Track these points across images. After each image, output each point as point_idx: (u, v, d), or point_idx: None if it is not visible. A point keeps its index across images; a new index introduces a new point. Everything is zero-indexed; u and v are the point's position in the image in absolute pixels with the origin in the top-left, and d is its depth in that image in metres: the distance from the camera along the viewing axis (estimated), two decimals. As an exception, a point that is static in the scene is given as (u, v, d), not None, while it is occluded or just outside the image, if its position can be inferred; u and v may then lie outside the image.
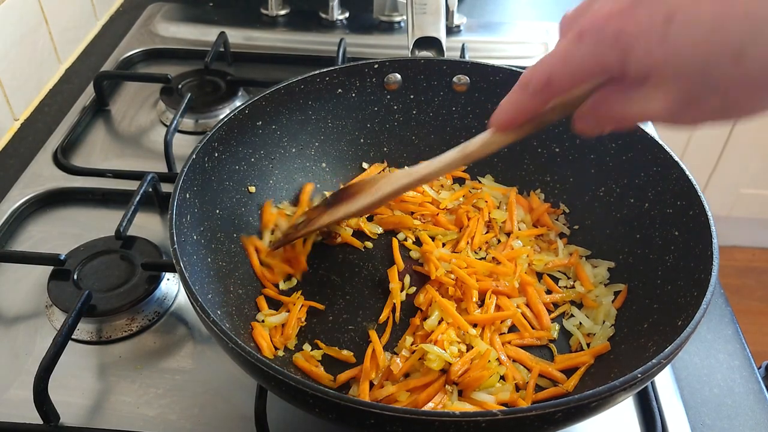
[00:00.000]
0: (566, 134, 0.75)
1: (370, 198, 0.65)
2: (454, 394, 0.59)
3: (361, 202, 0.66)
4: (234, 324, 0.60)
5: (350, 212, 0.66)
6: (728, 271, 2.33)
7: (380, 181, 0.65)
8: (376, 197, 0.64)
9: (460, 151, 0.56)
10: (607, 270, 0.70)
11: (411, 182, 0.62)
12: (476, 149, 0.54)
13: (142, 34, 1.14)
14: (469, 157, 0.55)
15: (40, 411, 0.56)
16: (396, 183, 0.63)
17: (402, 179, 0.62)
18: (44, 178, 0.82)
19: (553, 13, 1.27)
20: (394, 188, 0.63)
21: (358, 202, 0.66)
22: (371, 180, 0.66)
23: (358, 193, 0.67)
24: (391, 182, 0.63)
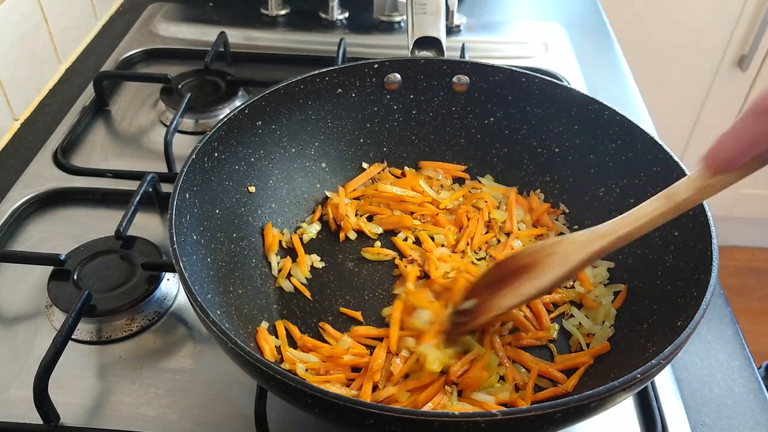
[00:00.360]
0: (566, 134, 0.75)
1: (561, 269, 0.55)
2: (453, 394, 0.59)
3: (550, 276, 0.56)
4: (234, 324, 0.60)
5: (542, 288, 0.56)
6: (728, 271, 2.33)
7: (561, 248, 0.55)
8: (567, 268, 0.55)
9: (667, 200, 0.48)
10: (606, 270, 0.70)
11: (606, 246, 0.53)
12: (688, 196, 0.47)
13: (142, 34, 1.14)
14: (680, 208, 0.48)
15: (40, 411, 0.56)
16: (587, 249, 0.54)
17: (594, 244, 0.53)
18: (44, 178, 0.82)
19: (553, 13, 1.27)
20: (585, 256, 0.54)
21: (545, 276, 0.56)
22: (544, 249, 0.57)
23: (535, 265, 0.57)
24: (579, 249, 0.54)
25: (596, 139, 0.73)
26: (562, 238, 0.57)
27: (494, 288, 0.59)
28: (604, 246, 0.53)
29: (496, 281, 0.59)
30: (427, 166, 0.81)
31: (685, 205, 0.48)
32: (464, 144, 0.81)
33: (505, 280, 0.58)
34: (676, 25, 1.92)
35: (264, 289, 0.68)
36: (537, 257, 0.57)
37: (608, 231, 0.53)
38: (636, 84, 1.09)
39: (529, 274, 0.57)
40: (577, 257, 0.54)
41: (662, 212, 0.49)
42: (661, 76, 1.98)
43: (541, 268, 0.56)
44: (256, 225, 0.72)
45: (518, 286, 0.57)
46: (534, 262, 0.57)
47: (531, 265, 0.57)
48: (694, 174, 0.47)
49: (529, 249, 0.58)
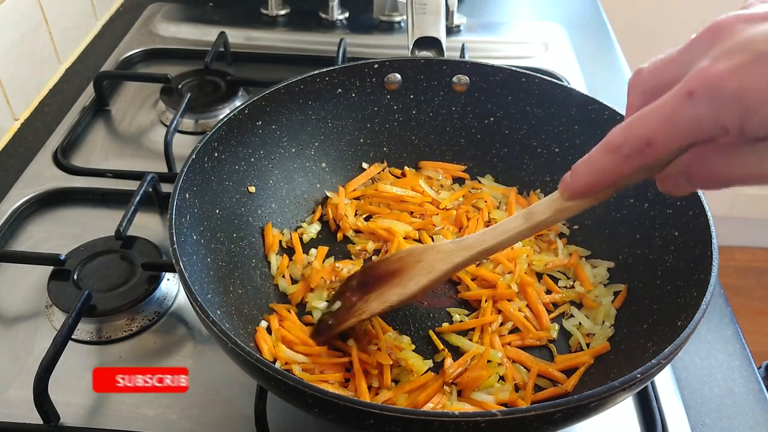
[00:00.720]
0: (566, 134, 0.75)
1: (425, 279, 0.56)
2: (453, 394, 0.59)
3: (414, 284, 0.57)
4: (234, 324, 0.60)
5: (405, 297, 0.58)
6: (728, 271, 2.33)
7: (427, 256, 0.57)
8: (430, 278, 0.56)
9: (525, 220, 0.50)
10: (606, 270, 0.70)
11: (470, 257, 0.55)
12: (545, 218, 0.49)
13: (142, 34, 1.14)
14: (537, 228, 0.50)
15: (40, 411, 0.56)
16: (450, 260, 0.55)
17: (458, 255, 0.55)
18: (44, 178, 0.82)
19: (553, 13, 1.27)
20: (449, 266, 0.56)
21: (408, 284, 0.57)
22: (413, 254, 0.59)
23: (402, 271, 0.58)
24: (444, 259, 0.56)
25: (596, 139, 0.71)
26: (431, 246, 0.59)
27: (361, 291, 0.61)
28: (467, 258, 0.55)
29: (362, 284, 0.61)
30: (427, 166, 0.81)
31: (543, 225, 0.50)
32: (464, 144, 0.81)
33: (373, 284, 0.60)
34: (677, 25, 1.92)
35: (264, 289, 0.68)
36: (404, 263, 0.58)
37: (472, 244, 0.55)
38: (636, 84, 1.08)
39: (394, 281, 0.58)
40: (442, 267, 0.56)
41: (521, 231, 0.51)
42: (661, 76, 1.98)
43: (407, 275, 0.58)
44: (256, 225, 0.72)
45: (383, 292, 0.59)
46: (401, 268, 0.58)
47: (398, 271, 0.58)
48: (552, 196, 0.48)
49: (398, 254, 0.60)
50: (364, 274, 0.62)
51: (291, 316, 0.65)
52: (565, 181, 0.45)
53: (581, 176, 0.44)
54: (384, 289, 0.59)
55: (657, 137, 0.38)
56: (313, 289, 0.68)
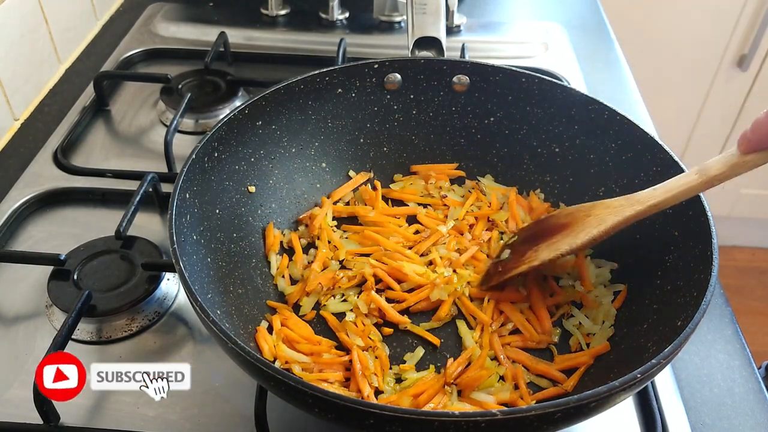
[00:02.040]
0: (566, 134, 0.75)
1: (596, 230, 0.58)
2: (453, 394, 0.59)
3: (585, 234, 0.59)
4: (234, 324, 0.60)
5: (577, 245, 0.60)
6: (728, 271, 2.33)
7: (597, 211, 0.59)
8: (602, 229, 0.58)
9: (699, 175, 0.50)
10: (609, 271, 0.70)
11: (640, 212, 0.56)
12: (721, 172, 0.49)
13: (142, 34, 1.14)
14: (711, 183, 0.50)
15: (40, 411, 0.56)
16: (622, 213, 0.57)
17: (628, 208, 0.56)
18: (44, 178, 0.82)
19: (553, 13, 1.27)
20: (620, 219, 0.57)
21: (580, 234, 0.59)
22: (581, 210, 0.61)
23: (572, 224, 0.60)
24: (614, 213, 0.57)
25: (596, 139, 0.73)
26: (598, 202, 0.60)
27: (531, 243, 0.63)
28: (637, 212, 0.56)
29: (533, 237, 0.63)
30: (420, 169, 0.81)
31: (717, 181, 0.50)
32: (464, 144, 0.81)
33: (542, 236, 0.62)
34: (676, 25, 1.92)
35: (264, 288, 0.68)
36: (573, 218, 0.60)
37: (642, 199, 0.55)
38: (636, 84, 1.09)
39: (564, 232, 0.60)
40: (612, 219, 0.57)
41: (693, 185, 0.51)
42: (661, 76, 1.98)
43: (577, 228, 0.60)
44: (256, 225, 0.72)
45: (554, 242, 0.61)
46: (570, 222, 0.60)
47: (567, 224, 0.60)
48: (727, 152, 0.48)
49: (566, 210, 0.62)
50: (534, 227, 0.64)
51: (293, 315, 0.65)
52: (745, 134, 0.45)
53: (762, 126, 0.44)
54: (555, 239, 0.61)
55: None
56: (309, 293, 0.67)
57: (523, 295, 0.66)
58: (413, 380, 0.60)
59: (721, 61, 1.97)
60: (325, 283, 0.67)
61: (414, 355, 0.63)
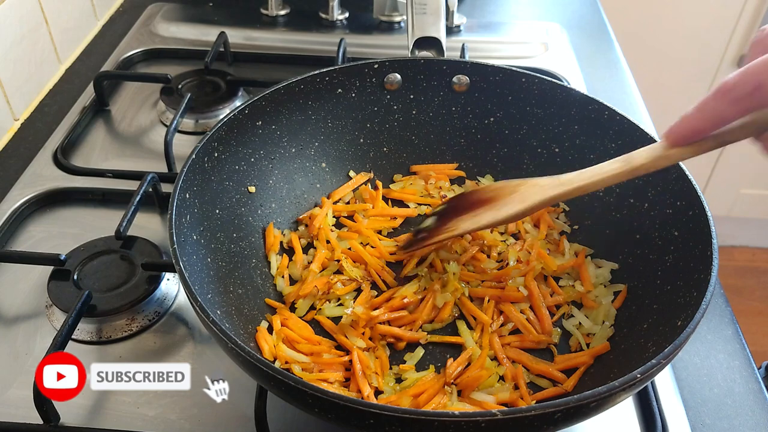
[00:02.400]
0: (566, 134, 0.75)
1: (519, 206, 0.58)
2: (453, 394, 0.59)
3: (507, 210, 0.59)
4: (234, 324, 0.60)
5: (497, 219, 0.60)
6: (728, 271, 2.33)
7: (522, 189, 0.59)
8: (524, 206, 0.58)
9: (624, 163, 0.51)
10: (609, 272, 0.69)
11: (563, 193, 0.56)
12: (645, 163, 0.49)
13: (142, 34, 1.14)
14: (636, 171, 0.51)
15: (40, 411, 0.56)
16: (545, 193, 0.57)
17: (552, 189, 0.57)
18: (44, 178, 0.82)
19: (554, 13, 1.27)
20: (543, 198, 0.57)
21: (502, 209, 0.60)
22: (507, 186, 0.61)
23: (496, 199, 0.61)
24: (539, 192, 0.57)
25: (596, 139, 0.73)
26: (527, 180, 0.61)
27: (455, 214, 0.63)
28: (561, 192, 0.56)
29: (458, 208, 0.63)
30: (420, 169, 0.81)
31: (640, 171, 0.50)
32: (464, 144, 0.81)
33: (467, 208, 0.62)
34: (676, 25, 1.92)
35: (264, 289, 0.68)
36: (500, 193, 0.60)
37: (568, 180, 0.56)
38: (636, 84, 1.09)
39: (489, 206, 0.61)
40: (536, 198, 0.57)
41: (618, 173, 0.52)
42: (661, 76, 1.98)
43: (502, 202, 0.60)
44: (256, 225, 0.72)
45: (477, 215, 0.61)
46: (496, 197, 0.61)
47: (493, 198, 0.61)
48: (655, 144, 0.49)
49: (494, 185, 0.62)
50: (461, 199, 0.64)
51: (293, 315, 0.65)
52: (671, 127, 0.46)
53: (688, 120, 0.44)
54: (478, 212, 0.61)
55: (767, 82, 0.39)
56: (303, 297, 0.67)
57: (524, 295, 0.66)
58: (413, 380, 0.60)
59: (721, 61, 1.97)
60: (321, 287, 0.67)
61: (414, 355, 0.63)
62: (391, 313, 0.65)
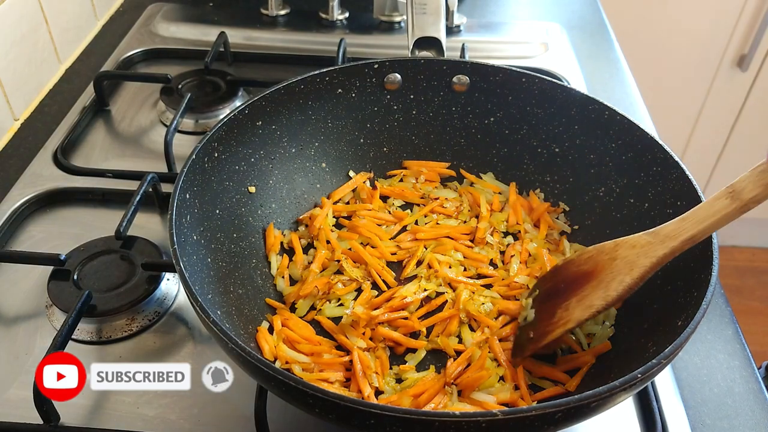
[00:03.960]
0: (566, 134, 0.75)
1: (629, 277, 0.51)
2: (454, 394, 0.59)
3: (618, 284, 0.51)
4: (234, 324, 0.60)
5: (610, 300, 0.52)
6: (728, 271, 2.33)
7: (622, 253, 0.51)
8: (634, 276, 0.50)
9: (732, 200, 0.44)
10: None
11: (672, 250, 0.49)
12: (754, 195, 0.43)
13: (142, 34, 1.14)
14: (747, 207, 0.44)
15: (40, 411, 0.56)
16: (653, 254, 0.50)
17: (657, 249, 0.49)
18: (44, 178, 0.82)
19: (553, 13, 1.27)
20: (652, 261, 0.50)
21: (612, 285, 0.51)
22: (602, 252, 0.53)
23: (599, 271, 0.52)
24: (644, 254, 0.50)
25: (596, 139, 0.73)
26: (622, 241, 0.53)
27: (556, 297, 0.55)
28: (671, 249, 0.49)
29: (557, 290, 0.55)
30: (412, 165, 0.81)
31: (753, 204, 0.44)
32: (464, 144, 0.81)
33: (568, 289, 0.54)
34: (676, 25, 1.92)
35: (264, 289, 0.68)
36: (598, 264, 0.52)
37: (671, 233, 0.49)
38: (636, 84, 1.09)
39: (592, 283, 0.52)
40: (645, 262, 0.50)
41: (728, 213, 0.45)
42: (661, 76, 1.98)
43: (605, 276, 0.52)
44: (257, 225, 0.72)
45: (585, 297, 0.53)
46: (595, 270, 0.52)
47: (593, 272, 0.52)
48: (758, 168, 0.43)
49: (586, 254, 0.54)
50: (554, 277, 0.56)
51: (293, 315, 0.65)
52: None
53: None
54: (584, 293, 0.53)
55: None
56: (304, 297, 0.67)
57: None
58: (413, 380, 0.60)
59: (721, 62, 1.97)
60: (321, 287, 0.67)
61: (416, 356, 0.63)
62: (391, 314, 0.65)
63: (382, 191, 0.78)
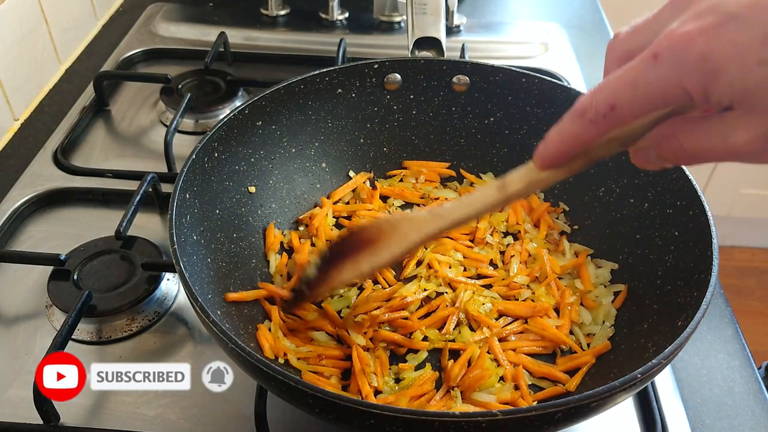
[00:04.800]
0: (566, 134, 0.75)
1: (396, 248, 0.55)
2: (458, 397, 0.59)
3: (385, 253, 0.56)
4: (234, 324, 0.60)
5: (377, 265, 0.57)
6: (728, 271, 2.33)
7: (402, 226, 0.56)
8: (402, 246, 0.55)
9: (499, 191, 0.49)
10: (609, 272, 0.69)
11: (442, 228, 0.53)
12: (518, 189, 0.47)
13: (142, 34, 1.14)
14: (511, 198, 0.48)
15: (40, 411, 0.56)
16: (424, 229, 0.54)
17: (431, 224, 0.54)
18: (44, 178, 0.82)
19: (553, 13, 1.27)
20: (420, 236, 0.54)
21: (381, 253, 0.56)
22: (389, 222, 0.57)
23: (377, 240, 0.57)
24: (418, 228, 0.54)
25: (596, 139, 0.73)
26: (406, 215, 0.57)
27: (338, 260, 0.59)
28: (440, 227, 0.53)
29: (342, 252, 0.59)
30: (412, 165, 0.81)
31: (516, 197, 0.48)
32: (464, 144, 0.81)
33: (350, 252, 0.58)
34: (676, 25, 1.92)
35: (264, 289, 0.68)
36: (380, 233, 0.57)
37: (444, 213, 0.53)
38: (636, 84, 1.08)
39: (369, 249, 0.57)
40: (413, 237, 0.54)
41: (494, 202, 0.49)
42: (661, 76, 1.98)
43: (380, 245, 0.56)
44: (256, 225, 0.72)
45: (357, 261, 0.57)
46: (376, 238, 0.57)
47: (374, 239, 0.57)
48: (527, 166, 0.47)
49: (378, 222, 0.58)
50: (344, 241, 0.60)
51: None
52: (538, 149, 0.44)
53: (551, 144, 0.42)
54: (358, 258, 0.58)
55: (621, 101, 0.37)
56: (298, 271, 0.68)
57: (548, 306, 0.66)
58: (411, 379, 0.60)
59: (720, 61, 1.97)
60: None
61: (417, 356, 0.63)
62: (391, 314, 0.65)
63: (382, 191, 0.78)
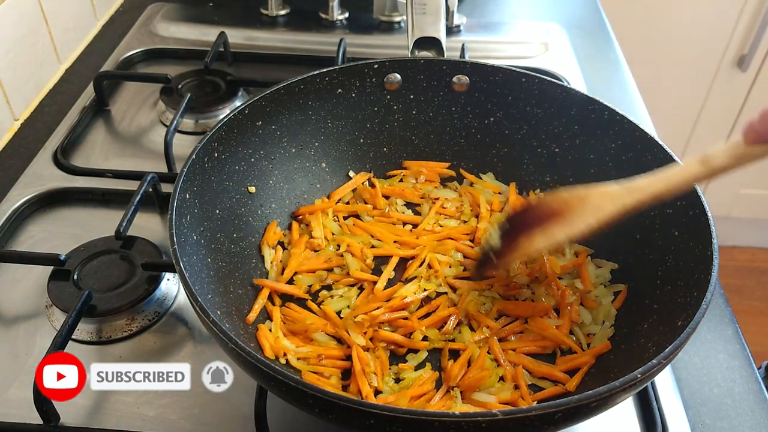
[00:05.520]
0: (566, 134, 0.75)
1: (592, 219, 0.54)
2: (458, 397, 0.59)
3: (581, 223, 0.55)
4: (234, 324, 0.60)
5: (571, 234, 0.56)
6: (728, 271, 2.33)
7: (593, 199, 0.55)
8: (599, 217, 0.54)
9: (702, 165, 0.47)
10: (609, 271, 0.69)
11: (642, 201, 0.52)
12: (724, 163, 0.45)
13: (142, 34, 1.14)
14: (714, 173, 0.47)
15: (40, 411, 0.56)
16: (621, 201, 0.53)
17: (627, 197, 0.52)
18: (44, 178, 0.82)
19: (553, 13, 1.27)
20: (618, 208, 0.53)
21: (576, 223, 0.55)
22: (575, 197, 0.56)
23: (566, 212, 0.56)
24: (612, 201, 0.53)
25: (596, 139, 0.73)
26: (594, 188, 0.56)
27: (523, 229, 0.59)
28: (636, 201, 0.52)
29: (525, 223, 0.59)
30: (412, 165, 0.81)
31: (720, 171, 0.46)
32: (464, 144, 0.81)
33: (535, 223, 0.58)
34: (676, 25, 1.92)
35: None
36: (568, 205, 0.56)
37: (641, 186, 0.51)
38: (636, 84, 1.09)
39: (559, 220, 0.56)
40: (609, 209, 0.53)
41: (696, 175, 0.48)
42: (661, 76, 1.98)
43: (573, 216, 0.56)
44: (256, 225, 0.72)
45: (548, 230, 0.57)
46: (565, 209, 0.56)
47: (562, 211, 0.56)
48: (732, 142, 0.45)
49: (560, 196, 0.57)
50: (526, 213, 0.60)
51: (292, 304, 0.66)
52: (752, 124, 0.42)
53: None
54: (549, 227, 0.57)
55: None
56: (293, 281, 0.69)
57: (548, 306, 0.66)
58: (411, 379, 0.60)
59: (721, 62, 1.97)
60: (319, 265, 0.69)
61: (417, 356, 0.63)
62: (391, 314, 0.65)
63: (382, 191, 0.78)
